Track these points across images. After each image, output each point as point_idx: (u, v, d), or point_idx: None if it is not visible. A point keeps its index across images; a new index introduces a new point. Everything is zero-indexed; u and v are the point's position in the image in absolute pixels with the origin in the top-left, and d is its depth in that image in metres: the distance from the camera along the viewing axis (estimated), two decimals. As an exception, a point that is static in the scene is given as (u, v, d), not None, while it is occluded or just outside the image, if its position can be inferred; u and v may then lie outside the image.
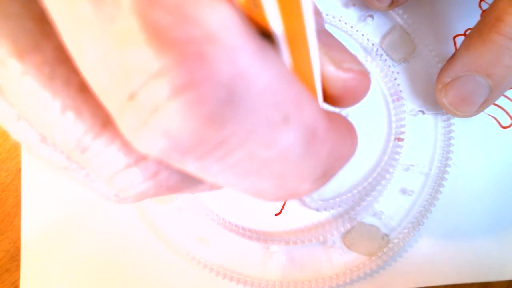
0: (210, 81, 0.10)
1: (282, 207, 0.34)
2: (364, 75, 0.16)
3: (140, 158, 0.13)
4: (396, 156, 0.33)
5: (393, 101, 0.34)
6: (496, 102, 0.33)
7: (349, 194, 0.34)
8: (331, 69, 0.16)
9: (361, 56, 0.35)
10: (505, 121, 0.33)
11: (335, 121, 0.15)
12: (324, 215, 0.34)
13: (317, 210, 0.34)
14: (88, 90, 0.13)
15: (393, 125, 0.34)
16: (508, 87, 0.29)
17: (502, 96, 0.32)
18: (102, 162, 0.14)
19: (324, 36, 0.16)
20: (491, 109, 0.33)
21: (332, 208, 0.33)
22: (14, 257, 0.34)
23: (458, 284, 0.33)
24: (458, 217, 0.33)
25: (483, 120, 0.34)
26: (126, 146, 0.13)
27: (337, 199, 0.34)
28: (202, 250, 0.33)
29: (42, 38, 0.12)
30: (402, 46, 0.34)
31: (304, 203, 0.34)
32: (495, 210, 0.33)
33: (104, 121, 0.13)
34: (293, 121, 0.12)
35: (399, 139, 0.33)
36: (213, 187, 0.16)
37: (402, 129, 0.33)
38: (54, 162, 0.16)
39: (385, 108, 0.34)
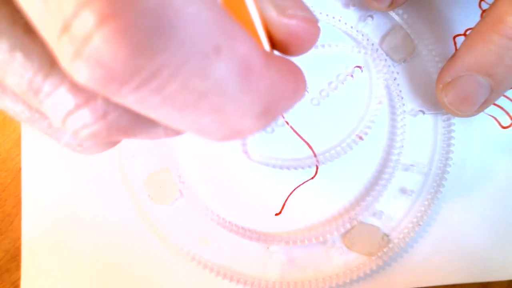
0: (136, 9, 0.11)
1: (282, 207, 0.34)
2: (310, 22, 0.17)
3: (89, 98, 0.14)
4: (396, 156, 0.33)
5: (378, 103, 0.34)
6: (496, 102, 0.33)
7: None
8: (274, 15, 0.16)
9: (361, 56, 0.35)
10: (505, 121, 0.33)
11: (275, 61, 0.15)
12: (324, 215, 0.34)
13: (265, 164, 0.33)
14: (34, 30, 0.13)
15: (397, 124, 0.34)
16: (508, 87, 0.29)
17: (502, 96, 0.32)
18: (54, 104, 0.14)
19: None
20: (491, 109, 0.33)
21: (274, 166, 0.33)
22: (14, 257, 0.34)
23: (458, 284, 0.33)
24: (458, 217, 0.33)
25: (483, 120, 0.34)
26: (75, 86, 0.14)
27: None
28: (202, 250, 0.33)
29: None
30: (402, 46, 0.34)
31: (248, 156, 0.34)
32: (495, 210, 0.33)
33: (52, 61, 0.14)
34: (225, 52, 0.13)
35: (360, 138, 0.33)
36: (167, 131, 0.17)
37: (403, 129, 0.33)
38: (17, 113, 0.17)
39: (386, 108, 0.34)
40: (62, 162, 0.34)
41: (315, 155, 0.34)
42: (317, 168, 0.33)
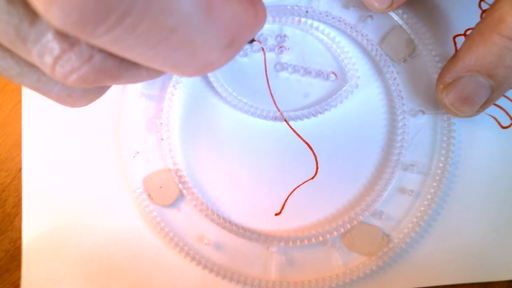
0: None
1: (282, 207, 0.34)
2: None
3: (74, 43, 0.15)
4: (396, 156, 0.33)
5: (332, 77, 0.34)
6: (496, 102, 0.33)
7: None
8: None
9: (361, 56, 0.35)
10: (505, 121, 0.33)
11: None
12: (324, 215, 0.34)
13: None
14: None
15: (397, 124, 0.34)
16: (509, 87, 0.29)
17: (502, 96, 0.32)
18: (43, 50, 0.15)
19: None
20: (491, 109, 0.33)
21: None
22: (14, 257, 0.33)
23: (458, 284, 0.33)
24: (458, 217, 0.33)
25: (483, 120, 0.34)
26: (61, 32, 0.15)
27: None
28: (202, 250, 0.33)
29: None
30: (402, 46, 0.34)
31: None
32: (495, 210, 0.33)
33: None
34: None
35: (334, 74, 0.34)
36: (149, 72, 0.18)
37: (403, 129, 0.33)
38: (6, 70, 0.17)
39: (386, 108, 0.34)
40: (62, 162, 0.34)
41: (314, 155, 0.34)
42: (317, 168, 0.33)
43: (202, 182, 0.34)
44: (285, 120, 0.34)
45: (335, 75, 0.34)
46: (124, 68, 0.17)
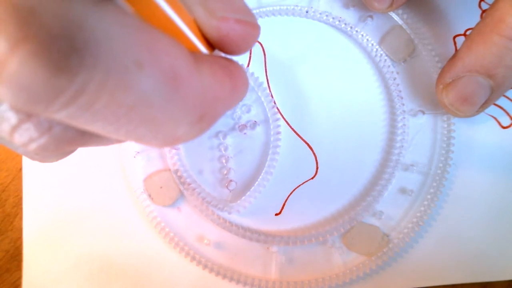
0: (45, 33, 0.11)
1: (282, 207, 0.34)
2: (242, 23, 0.17)
3: (31, 114, 0.14)
4: (396, 156, 0.33)
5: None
6: (496, 102, 0.33)
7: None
8: (203, 17, 0.17)
9: (361, 56, 0.35)
10: (505, 121, 0.33)
11: (207, 63, 0.16)
12: (324, 215, 0.34)
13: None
14: None
15: (397, 124, 0.34)
16: (509, 87, 0.29)
17: (502, 96, 0.32)
18: (0, 119, 0.14)
19: None
20: (491, 109, 0.33)
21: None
22: (14, 257, 0.33)
23: (458, 284, 0.33)
24: (458, 217, 0.33)
25: (483, 120, 0.34)
26: None
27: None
28: (202, 250, 0.33)
29: None
30: (402, 46, 0.34)
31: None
32: (495, 210, 0.33)
33: None
34: (147, 66, 0.13)
35: (278, 110, 0.34)
36: (111, 139, 0.17)
37: (403, 129, 0.33)
38: None
39: (385, 108, 0.34)
40: (62, 162, 0.34)
41: (314, 155, 0.34)
42: (317, 169, 0.33)
43: (202, 183, 0.34)
44: (285, 120, 0.34)
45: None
46: (88, 136, 0.16)
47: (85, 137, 0.16)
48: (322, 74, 0.35)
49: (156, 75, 0.13)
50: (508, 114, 0.33)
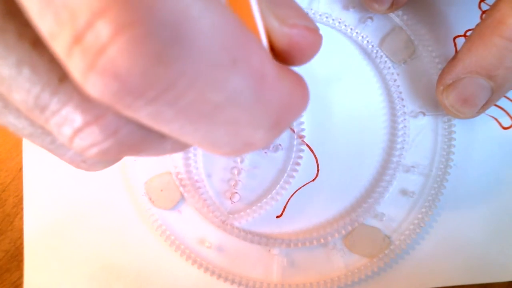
0: (152, 19, 0.11)
1: (283, 209, 0.34)
2: (311, 30, 0.17)
3: (99, 115, 0.14)
4: (397, 158, 0.33)
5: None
6: (497, 103, 0.33)
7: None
8: (275, 25, 0.16)
9: (361, 57, 0.35)
10: (506, 122, 0.33)
11: (286, 71, 0.15)
12: (325, 217, 0.34)
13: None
14: (42, 45, 0.13)
15: (398, 126, 0.34)
16: (509, 89, 0.29)
17: (502, 97, 0.32)
18: (62, 121, 0.14)
19: None
20: (492, 110, 0.33)
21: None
22: (14, 257, 0.33)
23: (458, 285, 0.33)
24: (459, 218, 0.33)
25: (484, 121, 0.34)
26: (85, 102, 0.13)
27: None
28: (203, 252, 0.33)
29: None
30: (402, 48, 0.34)
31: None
32: (496, 211, 0.33)
33: (60, 76, 0.13)
34: (241, 64, 0.12)
35: (301, 137, 0.33)
36: (175, 146, 0.16)
37: (403, 131, 0.33)
38: (19, 129, 0.16)
39: (386, 109, 0.34)
40: (63, 163, 0.34)
41: (315, 157, 0.34)
42: (318, 171, 0.33)
43: (203, 185, 0.34)
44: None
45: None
46: (149, 142, 0.15)
47: (147, 142, 0.15)
48: (322, 76, 0.35)
49: (247, 73, 0.13)
50: (508, 115, 0.32)
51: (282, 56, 0.17)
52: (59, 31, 0.11)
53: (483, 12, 0.33)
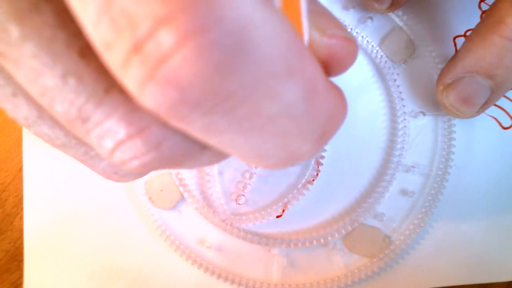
0: (218, 27, 0.10)
1: (283, 210, 0.34)
2: (349, 41, 0.17)
3: (144, 127, 0.13)
4: (397, 158, 0.33)
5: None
6: (497, 103, 0.33)
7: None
8: (316, 35, 0.16)
9: (361, 58, 0.35)
10: (506, 121, 0.33)
11: (331, 83, 0.15)
12: (325, 217, 0.34)
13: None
14: (90, 55, 0.12)
15: (398, 126, 0.34)
16: (509, 88, 0.29)
17: (502, 97, 0.32)
18: (104, 133, 0.13)
19: (310, 2, 0.16)
20: (492, 110, 0.33)
21: None
22: (14, 257, 0.33)
23: (458, 286, 0.33)
24: (459, 218, 0.33)
25: (484, 120, 0.34)
26: (130, 114, 0.13)
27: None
28: (203, 253, 0.33)
29: (41, 0, 0.12)
30: (402, 48, 0.34)
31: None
32: (496, 211, 0.33)
33: (106, 88, 0.13)
34: (297, 74, 0.12)
35: (319, 164, 0.33)
36: (211, 159, 0.16)
37: (403, 131, 0.33)
38: (52, 139, 0.16)
39: (386, 109, 0.34)
40: (63, 163, 0.34)
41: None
42: (318, 171, 0.33)
43: (203, 185, 0.34)
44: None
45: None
46: (190, 155, 0.15)
47: (189, 155, 0.15)
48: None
49: (302, 84, 0.12)
50: (508, 114, 0.33)
51: (321, 66, 0.17)
52: (115, 40, 0.10)
53: (483, 12, 0.33)
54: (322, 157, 0.33)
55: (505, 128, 0.33)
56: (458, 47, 0.34)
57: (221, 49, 0.10)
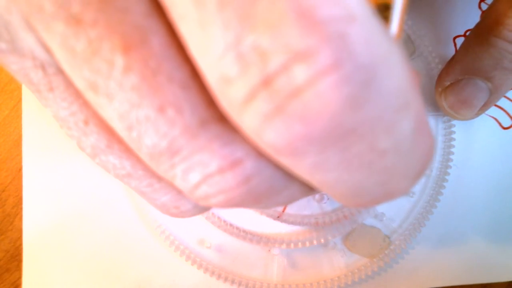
0: (353, 61, 0.10)
1: (283, 209, 0.34)
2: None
3: (238, 160, 0.12)
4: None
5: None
6: (497, 103, 0.33)
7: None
8: None
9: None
10: (506, 122, 0.33)
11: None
12: (325, 217, 0.34)
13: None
14: (191, 87, 0.12)
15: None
16: (507, 89, 0.29)
17: (502, 97, 0.32)
18: (192, 166, 0.13)
19: None
20: (492, 110, 0.33)
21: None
22: (14, 257, 0.34)
23: (458, 286, 0.33)
24: (459, 218, 0.33)
25: (484, 121, 0.34)
26: (224, 147, 0.12)
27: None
28: (203, 253, 0.34)
29: (150, 32, 0.11)
30: (402, 48, 0.34)
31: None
32: (496, 211, 0.33)
33: (203, 120, 0.12)
34: (412, 105, 0.11)
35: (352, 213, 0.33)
36: (288, 199, 0.15)
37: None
38: (117, 169, 0.15)
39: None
40: (63, 163, 0.34)
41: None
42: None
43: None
44: None
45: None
46: (276, 190, 0.14)
47: (274, 191, 0.14)
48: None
49: (414, 117, 0.12)
50: (508, 114, 0.32)
51: None
52: (241, 75, 0.10)
53: (483, 12, 0.33)
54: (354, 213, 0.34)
55: (505, 128, 0.33)
56: (458, 47, 0.34)
57: (354, 83, 0.10)
